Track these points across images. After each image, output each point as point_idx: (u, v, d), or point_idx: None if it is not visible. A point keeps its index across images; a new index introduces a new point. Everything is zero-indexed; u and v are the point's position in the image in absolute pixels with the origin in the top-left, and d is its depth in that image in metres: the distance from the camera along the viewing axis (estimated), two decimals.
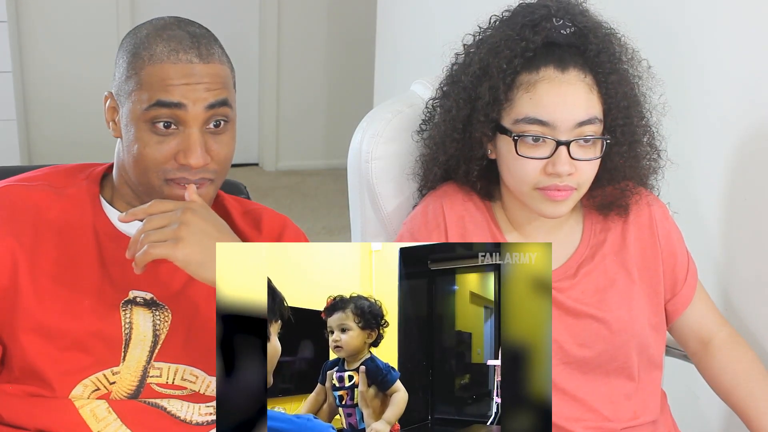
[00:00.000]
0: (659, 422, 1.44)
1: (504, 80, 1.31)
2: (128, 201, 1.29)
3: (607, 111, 1.33)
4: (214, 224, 1.18)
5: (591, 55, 1.32)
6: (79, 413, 1.22)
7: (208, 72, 1.22)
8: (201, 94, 1.21)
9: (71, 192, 1.29)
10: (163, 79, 1.20)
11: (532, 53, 1.31)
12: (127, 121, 1.23)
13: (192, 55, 1.22)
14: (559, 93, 1.29)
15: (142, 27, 1.28)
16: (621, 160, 1.37)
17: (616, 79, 1.32)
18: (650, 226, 1.44)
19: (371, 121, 1.58)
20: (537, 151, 1.30)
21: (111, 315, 1.24)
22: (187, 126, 1.21)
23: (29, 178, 1.32)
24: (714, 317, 1.49)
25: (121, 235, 1.27)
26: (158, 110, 1.20)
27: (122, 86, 1.24)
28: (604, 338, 1.38)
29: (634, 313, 1.40)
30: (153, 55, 1.21)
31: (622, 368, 1.41)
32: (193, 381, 1.29)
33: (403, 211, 1.55)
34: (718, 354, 1.47)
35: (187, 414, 1.27)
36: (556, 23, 1.32)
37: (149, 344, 1.26)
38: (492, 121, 1.34)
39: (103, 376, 1.23)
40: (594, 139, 1.30)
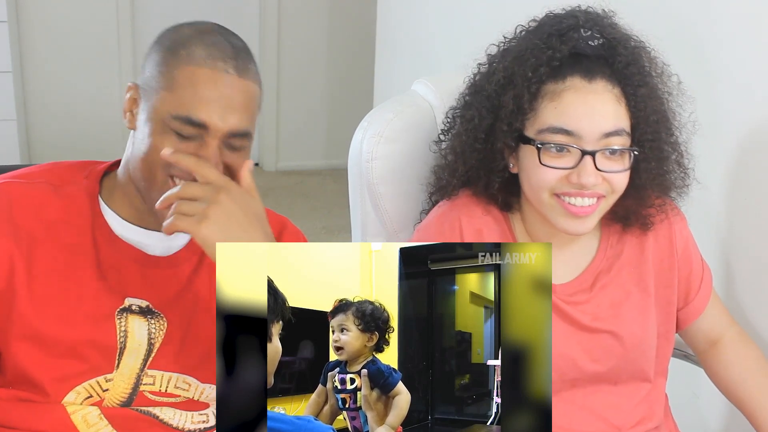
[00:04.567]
0: (662, 426, 1.44)
1: (529, 89, 1.27)
2: (132, 201, 1.27)
3: (635, 125, 1.28)
4: (245, 210, 1.17)
5: (619, 67, 1.27)
6: (70, 418, 1.21)
7: (241, 88, 1.21)
8: (230, 117, 1.19)
9: (70, 191, 1.27)
10: (195, 84, 1.18)
11: (559, 62, 1.26)
12: (147, 117, 1.21)
13: (230, 66, 1.20)
14: (585, 102, 1.25)
15: (183, 26, 1.25)
16: (648, 176, 1.32)
17: (645, 92, 1.28)
18: (669, 236, 1.41)
19: (372, 121, 1.57)
20: (561, 161, 1.25)
21: (106, 323, 1.23)
22: (207, 135, 1.19)
23: (28, 175, 1.29)
24: (724, 318, 1.48)
25: (118, 239, 1.27)
26: (182, 125, 1.18)
27: (151, 80, 1.22)
28: (617, 354, 1.37)
29: (648, 326, 1.39)
30: (191, 55, 1.19)
31: (631, 378, 1.39)
32: (186, 389, 1.28)
33: (403, 211, 1.55)
34: (725, 351, 1.46)
35: (179, 422, 1.27)
36: (584, 34, 1.29)
37: (143, 353, 1.25)
38: (515, 131, 1.29)
39: (96, 383, 1.23)
40: (621, 150, 1.26)
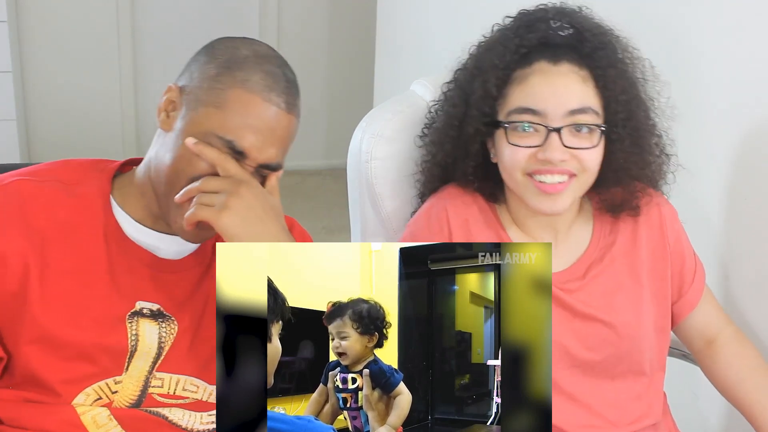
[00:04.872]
0: (661, 424, 1.44)
1: (496, 74, 1.32)
2: (147, 204, 1.27)
3: (606, 104, 1.32)
4: (263, 204, 1.20)
5: (588, 52, 1.32)
6: (80, 419, 1.21)
7: (286, 124, 1.23)
8: (267, 149, 1.21)
9: (82, 190, 1.26)
10: (246, 111, 1.19)
11: (527, 50, 1.32)
12: (187, 125, 1.21)
13: (282, 100, 1.22)
14: (549, 83, 1.29)
15: (241, 45, 1.25)
16: (624, 155, 1.35)
17: (614, 73, 1.32)
18: (660, 227, 1.43)
19: (371, 121, 1.58)
20: (528, 140, 1.29)
21: (118, 327, 1.22)
22: (243, 161, 1.21)
23: (37, 173, 1.27)
24: (719, 316, 1.49)
25: (129, 242, 1.26)
26: (223, 146, 1.19)
27: (199, 91, 1.22)
28: (611, 343, 1.37)
29: (642, 318, 1.39)
30: (247, 81, 1.20)
31: (628, 372, 1.40)
32: (194, 390, 1.28)
33: (403, 211, 1.55)
34: (722, 351, 1.46)
35: (188, 423, 1.26)
36: (554, 25, 1.33)
37: (153, 356, 1.25)
38: (486, 116, 1.34)
39: (105, 385, 1.22)
40: (589, 127, 1.29)
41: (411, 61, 3.21)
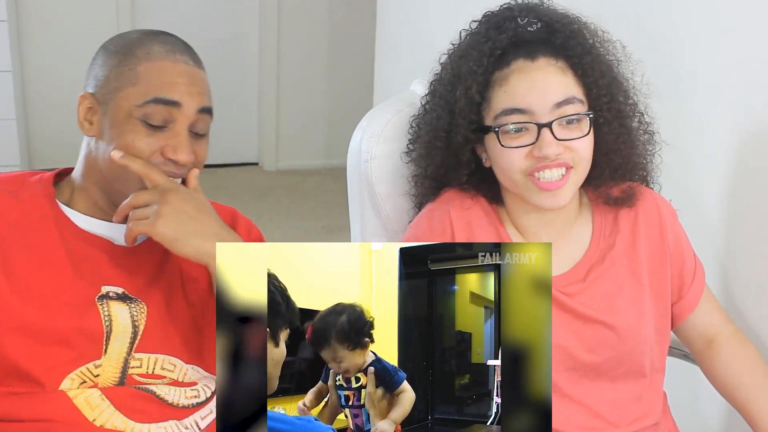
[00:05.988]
0: (661, 424, 1.44)
1: (476, 80, 1.33)
2: (95, 201, 1.32)
3: (588, 91, 1.33)
4: (194, 205, 1.26)
5: (560, 43, 1.33)
6: (73, 402, 1.23)
7: (201, 77, 1.31)
8: (196, 96, 1.28)
9: (26, 195, 1.31)
10: (162, 75, 1.27)
11: (500, 51, 1.32)
12: (112, 118, 1.27)
13: (187, 57, 1.30)
14: (530, 80, 1.30)
15: (129, 32, 1.35)
16: (613, 137, 1.36)
17: (590, 59, 1.33)
18: (660, 229, 1.43)
19: (371, 121, 1.58)
20: (521, 140, 1.30)
21: (89, 309, 1.26)
22: (177, 124, 1.27)
23: None
24: (719, 316, 1.49)
25: (84, 232, 1.30)
26: (154, 107, 1.25)
27: (108, 83, 1.28)
28: (612, 345, 1.37)
29: (643, 319, 1.39)
30: (150, 53, 1.28)
31: (628, 373, 1.40)
32: (171, 369, 1.31)
33: (403, 211, 1.55)
34: (722, 350, 1.46)
35: (174, 397, 1.29)
36: (521, 22, 1.34)
37: (129, 336, 1.28)
38: (473, 123, 1.34)
39: (87, 370, 1.25)
40: (577, 117, 1.30)
41: (411, 61, 3.21)
